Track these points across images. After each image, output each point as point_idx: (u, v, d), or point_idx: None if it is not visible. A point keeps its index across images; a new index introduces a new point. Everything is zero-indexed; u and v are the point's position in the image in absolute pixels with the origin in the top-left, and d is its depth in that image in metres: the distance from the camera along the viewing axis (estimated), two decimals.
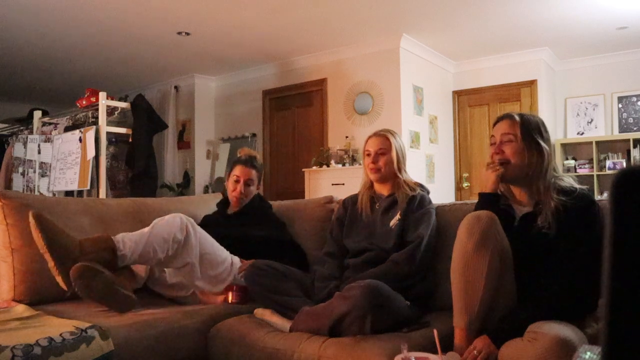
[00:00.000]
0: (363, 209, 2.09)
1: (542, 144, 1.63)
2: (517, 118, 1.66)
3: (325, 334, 1.62)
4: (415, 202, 1.98)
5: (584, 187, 1.61)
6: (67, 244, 1.74)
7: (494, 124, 1.73)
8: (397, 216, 1.97)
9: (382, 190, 2.10)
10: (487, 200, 1.66)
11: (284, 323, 1.77)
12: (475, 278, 1.45)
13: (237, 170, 2.43)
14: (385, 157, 2.05)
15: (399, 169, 2.06)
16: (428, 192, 2.09)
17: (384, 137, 2.09)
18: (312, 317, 1.69)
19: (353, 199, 2.18)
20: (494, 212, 1.54)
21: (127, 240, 1.88)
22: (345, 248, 2.07)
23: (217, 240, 2.17)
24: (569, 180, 1.63)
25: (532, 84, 5.48)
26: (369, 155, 2.08)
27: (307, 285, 1.98)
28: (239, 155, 2.57)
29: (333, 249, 2.09)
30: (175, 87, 6.45)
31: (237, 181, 2.41)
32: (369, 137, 2.14)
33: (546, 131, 1.67)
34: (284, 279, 1.93)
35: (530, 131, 1.63)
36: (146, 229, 1.94)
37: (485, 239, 1.45)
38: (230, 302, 2.05)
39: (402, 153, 2.10)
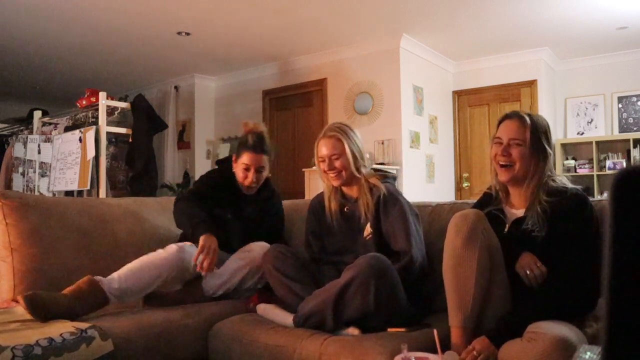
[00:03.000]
0: (334, 218, 1.98)
1: (548, 149, 1.61)
2: (527, 120, 1.60)
3: (329, 308, 1.63)
4: (382, 202, 1.86)
5: (578, 186, 1.59)
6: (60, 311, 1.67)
7: (500, 122, 1.67)
8: (368, 228, 1.88)
9: (350, 191, 1.98)
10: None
11: (285, 317, 1.78)
12: (466, 274, 1.46)
13: (246, 158, 2.18)
14: (340, 161, 1.88)
15: (357, 168, 1.91)
16: (394, 179, 1.98)
17: (335, 139, 1.90)
18: (317, 295, 1.70)
19: (321, 202, 2.05)
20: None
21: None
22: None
23: (227, 223, 2.22)
24: (561, 180, 1.61)
25: (532, 84, 5.48)
26: (323, 161, 1.91)
27: (319, 280, 1.95)
28: (245, 132, 2.25)
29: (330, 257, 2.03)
30: (175, 87, 6.45)
31: (247, 169, 2.19)
32: (320, 139, 1.94)
33: (550, 133, 1.65)
34: (302, 268, 1.92)
35: (539, 136, 1.60)
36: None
37: (473, 235, 1.47)
38: (252, 306, 2.01)
39: (357, 150, 1.92)
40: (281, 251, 1.93)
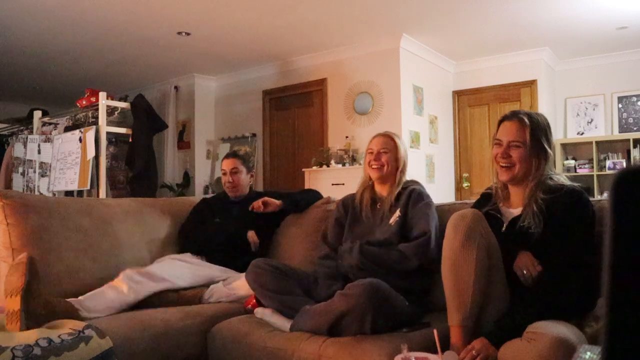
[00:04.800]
0: (363, 209, 2.08)
1: (548, 149, 1.61)
2: (526, 121, 1.61)
3: (324, 332, 1.63)
4: (413, 196, 1.99)
5: (575, 184, 1.59)
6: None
7: (500, 123, 1.68)
8: (397, 212, 1.97)
9: (383, 191, 2.09)
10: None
11: (284, 322, 1.78)
12: (464, 274, 1.47)
13: (223, 165, 2.69)
14: (387, 155, 2.05)
15: (398, 170, 2.06)
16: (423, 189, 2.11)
17: (389, 137, 2.11)
18: (313, 315, 1.69)
19: (353, 198, 2.16)
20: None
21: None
22: None
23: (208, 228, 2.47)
24: (557, 178, 1.61)
25: (532, 84, 5.48)
26: (371, 153, 2.09)
27: (307, 284, 1.97)
28: None
29: (330, 252, 2.06)
30: (175, 87, 6.45)
31: (224, 174, 2.65)
32: (374, 137, 2.15)
33: (551, 132, 1.65)
34: (285, 278, 1.92)
35: (539, 136, 1.61)
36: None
37: (471, 235, 1.47)
38: (249, 307, 2.02)
39: (403, 156, 2.10)
40: (259, 266, 1.93)
